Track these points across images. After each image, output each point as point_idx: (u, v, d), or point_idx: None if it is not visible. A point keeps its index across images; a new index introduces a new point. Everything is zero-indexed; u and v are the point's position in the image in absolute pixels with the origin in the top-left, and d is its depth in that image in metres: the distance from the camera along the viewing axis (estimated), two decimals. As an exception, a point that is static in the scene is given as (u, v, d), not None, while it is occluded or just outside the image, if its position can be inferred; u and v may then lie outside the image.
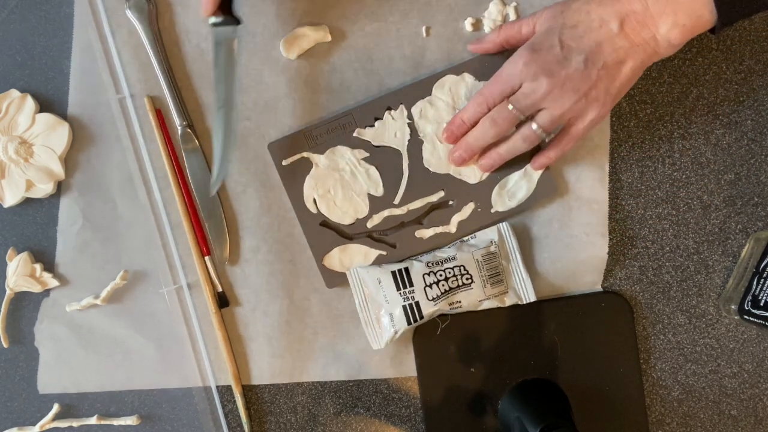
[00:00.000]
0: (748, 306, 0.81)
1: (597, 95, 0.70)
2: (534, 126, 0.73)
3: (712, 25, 0.66)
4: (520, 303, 0.82)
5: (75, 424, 0.87)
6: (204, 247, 0.84)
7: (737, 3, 0.65)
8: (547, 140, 0.77)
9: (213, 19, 0.75)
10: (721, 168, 0.84)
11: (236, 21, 0.76)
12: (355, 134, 0.81)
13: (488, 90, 0.73)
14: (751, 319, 0.81)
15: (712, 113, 0.84)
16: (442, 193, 0.82)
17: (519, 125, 0.75)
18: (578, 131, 0.74)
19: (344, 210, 0.82)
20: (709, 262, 0.85)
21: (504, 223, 0.82)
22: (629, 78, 0.70)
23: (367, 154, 0.81)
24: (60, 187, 0.84)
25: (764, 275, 0.80)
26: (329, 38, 0.82)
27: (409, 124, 0.81)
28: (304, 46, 0.81)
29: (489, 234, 0.82)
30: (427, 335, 0.84)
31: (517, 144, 0.75)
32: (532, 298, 0.82)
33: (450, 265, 0.80)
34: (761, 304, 0.80)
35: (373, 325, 0.82)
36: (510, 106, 0.71)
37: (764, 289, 0.80)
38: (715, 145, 0.84)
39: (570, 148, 0.77)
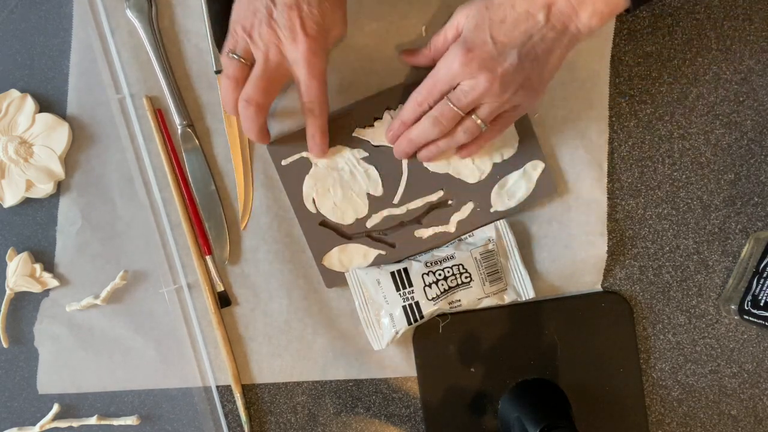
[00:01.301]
0: (748, 306, 0.81)
1: (531, 84, 0.71)
2: (476, 119, 0.73)
3: (627, 6, 0.68)
4: (519, 300, 0.82)
5: (75, 424, 0.87)
6: (204, 246, 0.84)
7: None
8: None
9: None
10: (721, 168, 0.84)
11: None
12: (354, 134, 0.81)
13: (426, 90, 0.73)
14: (751, 319, 0.81)
15: (712, 113, 0.84)
16: (441, 193, 0.82)
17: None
18: (513, 118, 0.75)
19: (343, 210, 0.82)
20: (709, 262, 0.85)
21: (501, 221, 0.82)
22: (556, 65, 0.72)
23: (367, 154, 0.81)
24: (60, 187, 0.85)
25: (764, 275, 0.80)
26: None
27: (408, 123, 0.81)
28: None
29: (487, 232, 0.82)
30: (427, 335, 0.84)
31: (458, 137, 0.75)
32: (531, 295, 0.82)
33: (449, 264, 0.80)
34: (761, 304, 0.80)
35: (373, 326, 0.82)
36: (451, 105, 0.71)
37: (764, 289, 0.80)
38: (715, 145, 0.84)
39: (501, 133, 0.77)
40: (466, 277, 0.80)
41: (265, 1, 0.69)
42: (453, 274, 0.80)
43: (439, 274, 0.80)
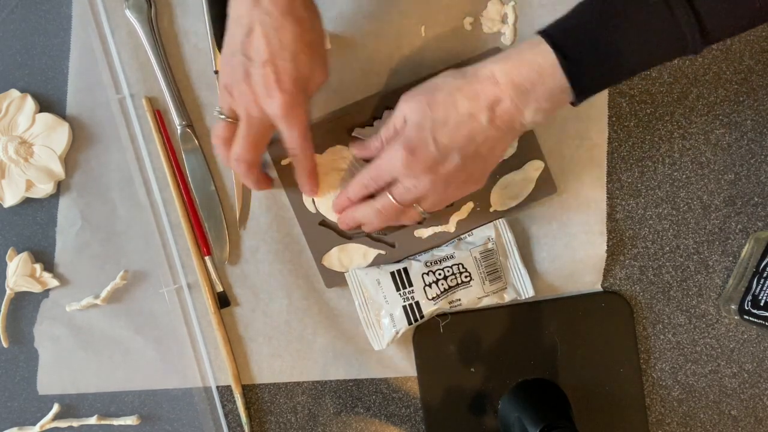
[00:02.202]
0: (748, 306, 0.81)
1: (473, 178, 0.71)
2: (419, 209, 0.73)
3: (570, 101, 0.68)
4: (518, 299, 0.82)
5: (75, 424, 0.87)
6: (204, 247, 0.84)
7: (589, 84, 0.67)
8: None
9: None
10: (721, 168, 0.84)
11: None
12: (354, 134, 0.81)
13: (370, 176, 0.73)
14: (751, 319, 0.81)
15: (712, 113, 0.84)
16: (441, 193, 0.82)
17: None
18: (452, 200, 0.76)
19: (343, 209, 0.82)
20: (709, 262, 0.85)
21: (501, 219, 0.82)
22: (498, 157, 0.72)
23: (367, 154, 0.81)
24: (59, 187, 0.85)
25: (764, 275, 0.80)
26: (329, 46, 0.82)
27: (407, 123, 0.81)
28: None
29: (486, 231, 0.82)
30: (427, 335, 0.84)
31: (401, 221, 0.76)
32: (531, 293, 0.82)
33: (448, 263, 0.80)
34: (761, 304, 0.80)
35: (373, 326, 0.82)
36: (393, 200, 0.71)
37: (764, 289, 0.80)
38: (715, 145, 0.84)
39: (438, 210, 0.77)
40: (465, 277, 0.80)
41: (242, 59, 0.68)
42: (453, 274, 0.80)
43: (439, 274, 0.79)
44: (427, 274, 0.79)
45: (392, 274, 0.80)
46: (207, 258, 0.84)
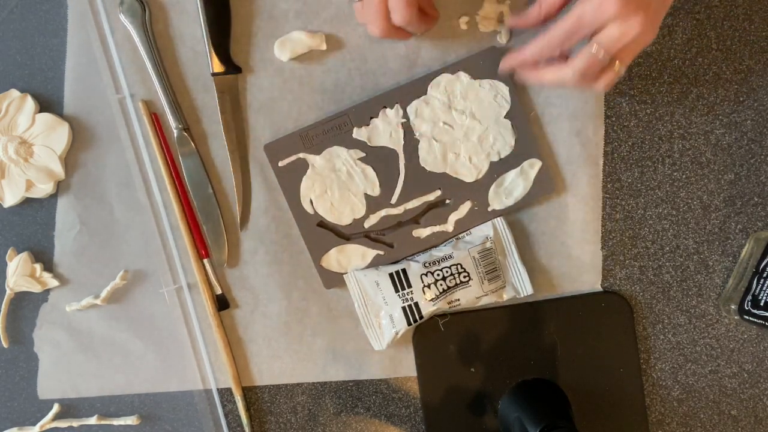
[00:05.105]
0: (748, 306, 0.81)
1: (655, 22, 0.65)
2: (618, 69, 0.66)
3: None
4: (517, 297, 0.82)
5: (75, 424, 0.87)
6: (202, 249, 0.84)
7: None
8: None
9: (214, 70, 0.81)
10: (721, 168, 0.84)
11: (237, 69, 0.82)
12: (352, 134, 0.81)
13: (564, 33, 0.65)
14: (751, 319, 0.81)
15: (712, 113, 0.83)
16: (438, 192, 0.82)
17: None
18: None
19: (341, 210, 0.82)
20: (709, 262, 0.85)
21: (499, 218, 0.82)
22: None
23: (364, 154, 0.81)
24: (58, 188, 0.85)
25: (764, 275, 0.80)
26: (324, 47, 0.82)
27: (404, 123, 0.81)
28: (298, 50, 0.81)
29: (484, 230, 0.82)
30: (427, 335, 0.84)
31: (596, 84, 0.68)
32: (529, 291, 0.82)
33: (447, 264, 0.80)
34: (761, 304, 0.80)
35: (373, 327, 0.82)
36: (602, 54, 0.63)
37: (764, 289, 0.80)
38: (715, 145, 0.84)
39: None
40: (464, 277, 0.80)
41: None
42: (451, 274, 0.80)
43: (438, 275, 0.79)
44: (426, 275, 0.79)
45: (391, 275, 0.80)
46: (206, 261, 0.84)
